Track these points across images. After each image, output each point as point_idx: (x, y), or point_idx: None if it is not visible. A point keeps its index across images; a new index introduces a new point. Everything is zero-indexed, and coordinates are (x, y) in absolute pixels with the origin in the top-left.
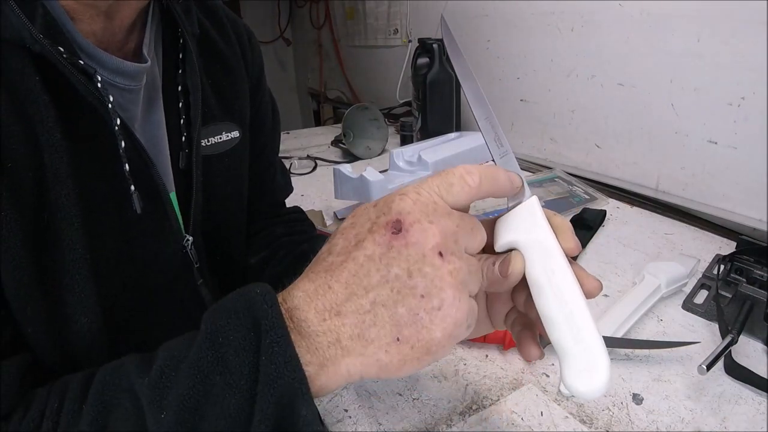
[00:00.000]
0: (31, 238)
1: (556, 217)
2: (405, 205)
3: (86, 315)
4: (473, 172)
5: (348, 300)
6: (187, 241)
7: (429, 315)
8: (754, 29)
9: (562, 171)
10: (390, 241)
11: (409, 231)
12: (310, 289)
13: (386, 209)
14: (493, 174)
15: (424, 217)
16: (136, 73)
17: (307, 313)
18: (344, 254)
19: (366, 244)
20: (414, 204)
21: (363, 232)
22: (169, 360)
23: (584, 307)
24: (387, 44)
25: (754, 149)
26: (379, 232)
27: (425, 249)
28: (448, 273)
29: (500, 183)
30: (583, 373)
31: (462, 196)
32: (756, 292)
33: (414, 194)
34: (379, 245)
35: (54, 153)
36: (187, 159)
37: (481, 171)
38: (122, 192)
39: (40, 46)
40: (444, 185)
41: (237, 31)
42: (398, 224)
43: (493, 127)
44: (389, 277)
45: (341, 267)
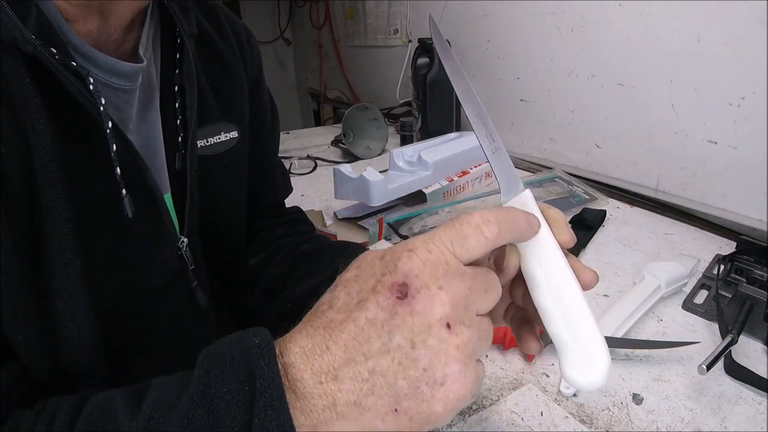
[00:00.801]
0: (21, 243)
1: (549, 210)
2: (413, 265)
3: (75, 320)
4: (490, 222)
5: (346, 365)
6: (182, 243)
7: (431, 389)
8: (754, 29)
9: (562, 171)
10: (394, 306)
11: (415, 297)
12: (308, 346)
13: (392, 267)
14: (513, 221)
15: (433, 282)
16: (132, 73)
17: (303, 373)
18: (345, 312)
19: (368, 305)
20: (423, 265)
21: (366, 290)
22: (160, 404)
23: (581, 299)
24: (387, 44)
25: (754, 149)
26: (383, 294)
27: (432, 320)
28: (454, 347)
29: (520, 229)
30: (582, 365)
31: (478, 250)
32: (756, 292)
33: (424, 252)
34: (382, 309)
35: (45, 156)
36: (182, 160)
37: (500, 219)
38: (115, 195)
39: (32, 47)
40: (457, 239)
41: (236, 31)
42: (404, 287)
43: (485, 123)
44: (391, 346)
45: (341, 327)
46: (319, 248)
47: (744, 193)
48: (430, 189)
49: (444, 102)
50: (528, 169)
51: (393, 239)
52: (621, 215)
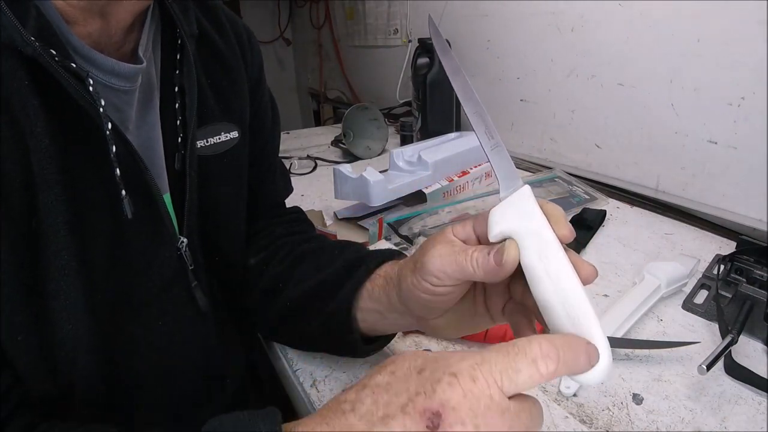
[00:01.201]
0: (19, 244)
1: (548, 205)
2: (453, 395)
3: (72, 322)
4: (550, 358)
5: None
6: (181, 243)
7: None
8: (754, 29)
9: (562, 171)
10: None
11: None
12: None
13: (430, 389)
14: (573, 355)
15: (471, 419)
16: (132, 74)
17: None
18: (367, 423)
19: (394, 425)
20: (464, 397)
21: (395, 405)
22: None
23: (581, 293)
24: (387, 44)
25: (754, 149)
26: (413, 418)
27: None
28: None
29: (579, 364)
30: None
31: (528, 385)
32: (756, 292)
33: (468, 381)
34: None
35: (43, 157)
36: (182, 160)
37: (560, 353)
38: (114, 196)
39: (31, 49)
40: (509, 372)
41: (236, 31)
42: (437, 417)
43: (484, 120)
44: None
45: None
46: (319, 248)
47: (744, 193)
48: (430, 189)
49: (444, 102)
50: (528, 169)
51: (393, 239)
52: (621, 215)
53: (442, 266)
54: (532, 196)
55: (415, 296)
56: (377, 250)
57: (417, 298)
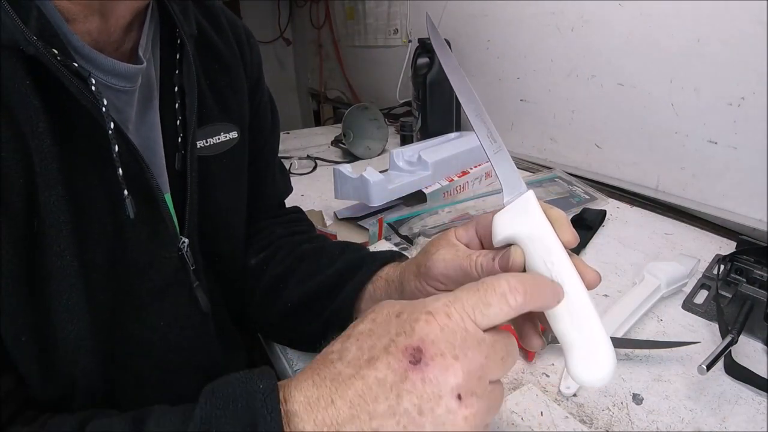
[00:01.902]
0: (20, 245)
1: (552, 210)
2: (430, 330)
3: (73, 323)
4: (517, 290)
5: (350, 421)
6: (183, 243)
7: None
8: (754, 29)
9: (562, 171)
10: (406, 370)
11: (429, 365)
12: (312, 397)
13: (409, 328)
14: (539, 290)
15: (449, 350)
16: (132, 74)
17: (306, 424)
18: (354, 367)
19: (379, 365)
20: (441, 331)
21: (379, 348)
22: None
23: (586, 298)
24: (387, 44)
25: (754, 149)
26: (395, 356)
27: (443, 389)
28: (463, 418)
29: (545, 298)
30: (588, 361)
31: (500, 318)
32: (756, 292)
33: (443, 317)
34: (393, 371)
35: (44, 158)
36: (182, 160)
37: (526, 287)
38: (115, 196)
39: (33, 48)
40: (480, 305)
41: (235, 32)
42: (418, 353)
43: (485, 123)
44: (397, 410)
45: (348, 382)
46: (319, 248)
47: (744, 193)
48: (430, 189)
49: (444, 102)
50: (528, 169)
51: (393, 239)
52: (621, 215)
53: (446, 270)
54: (536, 202)
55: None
56: (378, 252)
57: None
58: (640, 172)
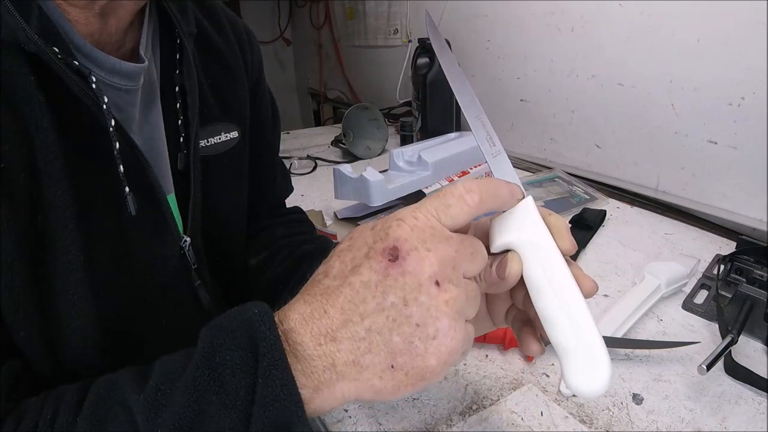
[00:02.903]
0: (25, 241)
1: (551, 217)
2: (402, 231)
3: (79, 318)
4: (473, 190)
5: (343, 326)
6: (185, 242)
7: (424, 343)
8: (754, 29)
9: (562, 171)
10: (386, 268)
11: (406, 259)
12: (306, 312)
13: (383, 234)
14: (494, 189)
15: (422, 244)
16: (134, 73)
17: (303, 337)
18: (340, 278)
19: (362, 270)
20: (411, 230)
21: (359, 257)
22: (165, 377)
23: (584, 306)
24: (387, 44)
25: (754, 149)
26: (375, 259)
27: (422, 278)
28: (444, 302)
29: (502, 197)
30: (585, 371)
31: (461, 217)
32: (756, 292)
33: (411, 219)
34: (375, 272)
35: (48, 154)
36: (185, 160)
37: (482, 188)
38: (118, 194)
39: (35, 46)
40: (442, 207)
41: (236, 31)
42: (395, 251)
43: (485, 126)
44: (385, 305)
45: (337, 291)
46: (319, 249)
47: (744, 193)
48: (430, 189)
49: (444, 102)
50: (528, 169)
51: None
52: (621, 215)
53: None
54: (535, 208)
55: None
56: None
57: None
58: (640, 172)
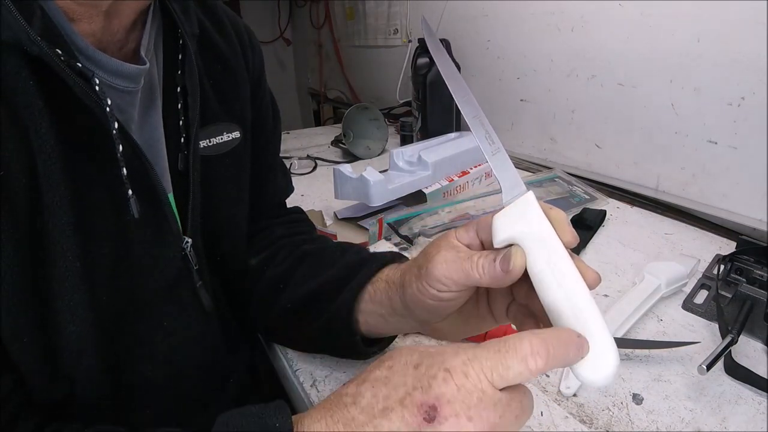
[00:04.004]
0: (25, 246)
1: (552, 210)
2: (447, 390)
3: (75, 323)
4: (540, 355)
5: None
6: (186, 243)
7: None
8: (754, 29)
9: (562, 171)
10: (420, 426)
11: (443, 424)
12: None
13: (426, 384)
14: (563, 349)
15: (464, 411)
16: (135, 74)
17: None
18: (368, 415)
19: (393, 417)
20: (457, 391)
21: (394, 399)
22: None
23: (589, 297)
24: (387, 44)
25: (754, 149)
26: (410, 411)
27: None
28: None
29: (568, 357)
30: (593, 361)
31: (518, 380)
32: (756, 292)
33: (461, 377)
34: (407, 425)
35: (47, 158)
36: (185, 160)
37: (549, 349)
38: (120, 196)
39: (37, 48)
40: (499, 369)
41: (237, 31)
42: (433, 411)
43: (483, 125)
44: None
45: (361, 429)
46: (320, 250)
47: (744, 193)
48: (430, 189)
49: (444, 102)
50: (528, 169)
51: (393, 239)
52: (621, 215)
53: (447, 272)
54: (536, 202)
55: (420, 302)
56: (378, 253)
57: (422, 303)
58: (640, 172)
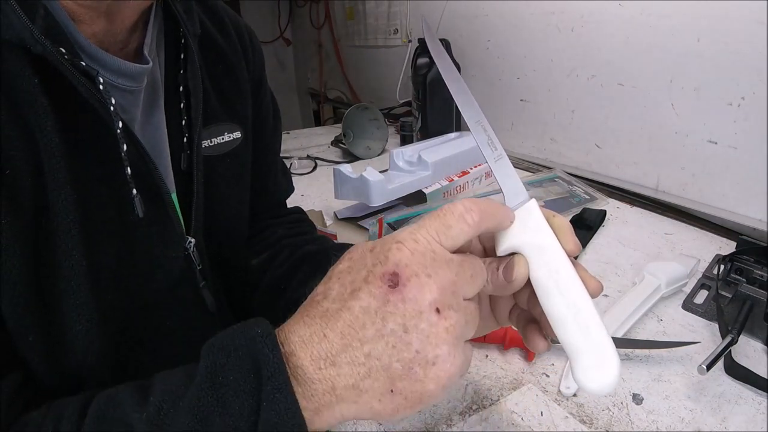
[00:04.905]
0: (29, 245)
1: (555, 218)
2: (402, 255)
3: (81, 322)
4: (473, 210)
5: (343, 351)
6: (189, 243)
7: (423, 369)
8: (754, 29)
9: (562, 171)
10: (386, 294)
11: (406, 286)
12: (306, 335)
13: (383, 258)
14: (493, 211)
15: (422, 270)
16: (138, 74)
17: (302, 360)
18: (340, 302)
19: (361, 295)
20: (412, 254)
21: (358, 280)
22: (167, 395)
23: (591, 305)
24: (387, 44)
25: (754, 149)
26: (375, 284)
27: (422, 305)
28: (444, 330)
29: (499, 218)
30: (594, 369)
31: (462, 237)
32: (756, 292)
33: (411, 242)
34: (374, 297)
35: (52, 158)
36: (188, 160)
37: (481, 208)
38: (124, 196)
39: (41, 47)
40: (442, 228)
41: (238, 31)
42: (395, 277)
43: (485, 130)
44: (384, 332)
45: (336, 315)
46: (320, 250)
47: (744, 193)
48: (430, 189)
49: (444, 102)
50: (528, 169)
51: None
52: (621, 215)
53: None
54: (539, 210)
55: None
56: None
57: None
58: (640, 172)
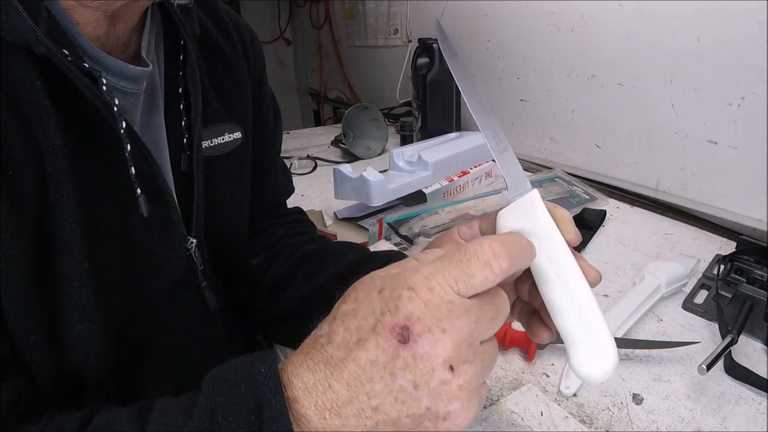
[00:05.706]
0: (32, 247)
1: (556, 209)
2: (415, 308)
3: (83, 322)
4: (502, 257)
5: (349, 403)
6: (191, 243)
7: (434, 424)
8: (754, 29)
9: (562, 171)
10: (396, 349)
11: (418, 342)
12: (310, 382)
13: (393, 306)
14: (524, 254)
15: (436, 324)
16: (139, 76)
17: (306, 410)
18: (345, 350)
19: (369, 346)
20: (425, 307)
21: (366, 329)
22: (165, 428)
23: (590, 295)
24: (387, 44)
25: (754, 149)
26: (383, 335)
27: (434, 363)
28: (457, 387)
29: (526, 259)
30: (592, 357)
31: (485, 286)
32: (756, 292)
33: (426, 291)
34: (383, 351)
35: (55, 159)
36: (188, 161)
37: (511, 252)
38: (126, 196)
39: (45, 49)
40: (463, 277)
41: (238, 31)
42: (406, 331)
43: (491, 124)
44: (393, 387)
45: (341, 365)
46: (321, 250)
47: (744, 193)
48: (430, 189)
49: (444, 102)
50: (528, 169)
51: (393, 239)
52: (621, 215)
53: None
54: (540, 200)
55: None
56: (380, 251)
57: None
58: (640, 172)
